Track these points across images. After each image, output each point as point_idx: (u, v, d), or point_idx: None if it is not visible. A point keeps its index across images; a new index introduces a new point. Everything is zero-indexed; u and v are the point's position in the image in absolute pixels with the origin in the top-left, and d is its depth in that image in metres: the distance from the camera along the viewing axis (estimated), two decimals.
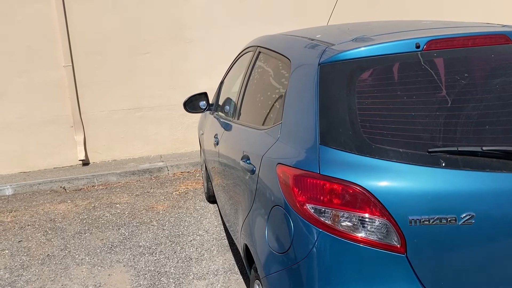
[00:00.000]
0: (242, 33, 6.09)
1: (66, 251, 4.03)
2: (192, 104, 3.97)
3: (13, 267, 3.83)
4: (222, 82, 4.18)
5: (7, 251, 4.12)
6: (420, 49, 1.96)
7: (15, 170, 6.22)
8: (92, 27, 6.16)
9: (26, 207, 5.21)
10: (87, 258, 3.89)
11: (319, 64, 2.02)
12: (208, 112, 4.17)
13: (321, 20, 4.85)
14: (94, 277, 3.58)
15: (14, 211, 5.13)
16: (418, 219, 1.72)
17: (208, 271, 3.54)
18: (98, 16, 6.16)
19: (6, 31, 5.93)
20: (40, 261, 3.89)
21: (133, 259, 3.81)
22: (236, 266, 3.59)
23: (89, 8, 6.14)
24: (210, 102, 4.06)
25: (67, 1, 6.03)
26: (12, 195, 5.69)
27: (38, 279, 3.60)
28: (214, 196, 4.59)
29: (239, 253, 3.68)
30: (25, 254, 4.04)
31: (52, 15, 6.03)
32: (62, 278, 3.59)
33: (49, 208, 5.14)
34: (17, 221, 4.81)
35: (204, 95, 3.99)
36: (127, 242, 4.12)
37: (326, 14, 4.34)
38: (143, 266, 3.69)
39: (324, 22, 4.03)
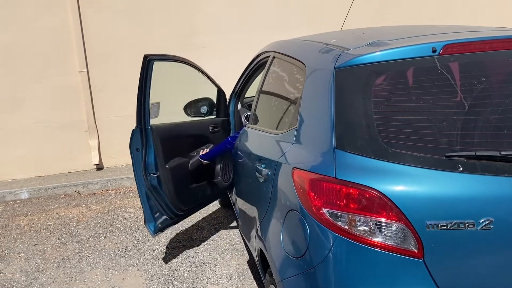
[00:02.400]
0: (253, 39, 6.13)
1: (81, 255, 4.07)
2: (193, 107, 3.99)
3: (29, 270, 3.87)
4: (236, 88, 4.19)
5: (23, 254, 4.17)
6: (437, 53, 1.95)
7: (31, 174, 6.30)
8: (106, 34, 6.24)
9: (41, 211, 5.27)
10: (101, 261, 3.91)
11: (334, 69, 2.02)
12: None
13: (333, 26, 4.86)
14: (108, 280, 3.60)
15: (30, 214, 5.19)
16: (435, 224, 1.71)
17: (222, 275, 3.55)
18: (113, 23, 6.24)
19: (24, 38, 6.03)
20: (55, 265, 3.92)
21: (147, 263, 3.83)
22: (249, 271, 3.59)
23: (104, 16, 6.22)
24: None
25: (83, 8, 6.12)
26: (28, 199, 5.76)
27: (53, 282, 3.64)
28: (228, 200, 4.60)
29: (253, 258, 3.69)
30: (40, 257, 4.08)
31: (68, 22, 6.12)
32: (77, 281, 3.62)
33: (64, 212, 5.19)
34: (33, 225, 4.86)
35: (206, 100, 4.01)
36: (141, 246, 4.14)
37: (337, 20, 4.35)
38: (157, 270, 3.70)
39: (336, 29, 4.03)
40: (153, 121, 3.42)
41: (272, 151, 2.41)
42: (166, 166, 3.43)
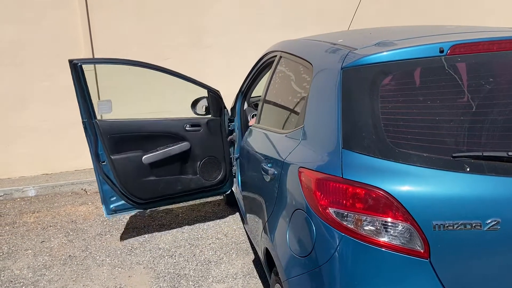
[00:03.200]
0: (261, 39, 6.14)
1: (87, 252, 4.09)
2: (196, 106, 4.09)
3: (36, 266, 3.89)
4: (242, 87, 4.20)
5: (30, 251, 4.20)
6: (444, 53, 1.95)
7: (38, 172, 6.34)
8: (114, 33, 6.26)
9: (48, 208, 5.30)
10: (107, 259, 3.93)
11: (341, 68, 2.02)
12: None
13: (341, 26, 4.85)
14: (114, 278, 3.62)
15: (37, 212, 5.22)
16: (442, 224, 1.71)
17: (227, 274, 3.56)
18: (121, 23, 6.26)
19: (32, 36, 6.06)
20: (62, 262, 3.95)
21: (153, 261, 3.85)
22: (255, 270, 3.59)
23: (112, 15, 6.24)
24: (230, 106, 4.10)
25: (91, 8, 6.14)
26: (35, 196, 5.80)
27: (60, 279, 3.66)
28: (233, 199, 4.61)
29: (258, 257, 3.69)
30: (47, 254, 4.11)
31: (76, 21, 6.14)
32: (84, 278, 3.64)
33: (71, 209, 5.22)
34: (40, 222, 4.90)
35: (204, 99, 4.08)
36: (147, 244, 4.16)
37: (345, 20, 4.34)
38: (163, 268, 3.72)
39: (343, 29, 4.02)
40: (109, 117, 3.92)
41: (279, 150, 2.42)
42: (111, 156, 3.82)
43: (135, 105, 4.47)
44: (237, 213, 4.74)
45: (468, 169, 1.75)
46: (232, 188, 4.36)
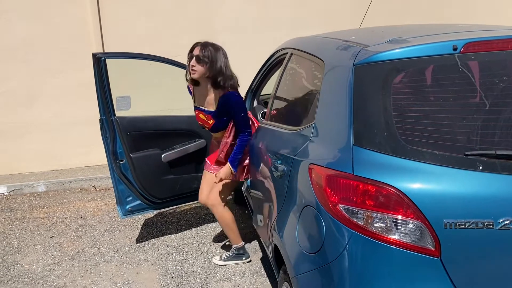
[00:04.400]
0: (271, 37, 6.12)
1: (96, 248, 4.11)
2: None
3: (45, 261, 3.92)
4: (252, 85, 4.20)
5: (39, 246, 4.23)
6: (458, 51, 1.93)
7: (48, 167, 6.38)
8: (125, 30, 6.28)
9: (58, 204, 5.34)
10: (116, 255, 3.95)
11: (353, 65, 2.01)
12: None
13: (350, 25, 4.83)
14: (122, 274, 3.64)
15: (46, 207, 5.26)
16: (453, 223, 1.69)
17: (235, 272, 3.55)
18: (132, 20, 6.28)
19: (43, 33, 6.11)
20: (70, 257, 3.97)
21: (161, 258, 3.86)
22: (262, 268, 3.59)
23: (123, 12, 6.27)
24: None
25: (102, 5, 6.17)
26: (45, 191, 5.84)
27: (69, 274, 3.68)
28: (241, 197, 4.61)
29: (266, 255, 3.69)
30: (56, 250, 4.13)
31: (87, 18, 6.18)
32: (92, 274, 3.66)
33: (80, 205, 5.25)
34: (49, 217, 4.93)
35: None
36: (155, 241, 4.17)
37: (355, 19, 4.32)
38: (171, 265, 3.72)
39: (352, 28, 4.00)
40: (126, 113, 3.81)
41: (289, 147, 2.41)
42: (130, 155, 3.74)
43: (143, 102, 4.47)
44: (246, 211, 4.74)
45: (480, 168, 1.73)
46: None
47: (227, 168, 3.39)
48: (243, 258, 3.66)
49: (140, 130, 3.76)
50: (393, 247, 1.73)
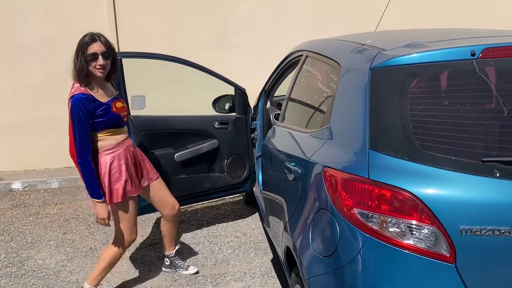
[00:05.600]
0: (286, 39, 6.13)
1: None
2: (219, 104, 4.10)
3: (58, 257, 3.96)
4: (266, 86, 4.21)
5: (52, 242, 4.28)
6: (476, 57, 1.92)
7: (61, 164, 6.44)
8: (141, 30, 6.33)
9: (71, 201, 5.39)
10: (127, 253, 3.98)
11: (370, 69, 2.01)
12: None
13: (366, 28, 4.81)
14: (134, 272, 3.66)
15: (60, 204, 5.31)
16: (469, 229, 1.68)
17: (245, 273, 3.56)
18: (147, 20, 6.33)
19: (60, 31, 6.18)
20: (83, 253, 4.01)
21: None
22: (273, 270, 3.59)
23: (139, 12, 6.31)
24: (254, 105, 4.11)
25: (118, 4, 6.23)
26: (58, 188, 5.90)
27: (81, 270, 3.72)
28: (252, 198, 4.62)
29: (277, 257, 3.69)
30: (69, 246, 4.17)
31: (103, 17, 6.23)
32: None
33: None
34: (62, 214, 4.98)
35: (229, 97, 4.08)
36: None
37: (371, 22, 4.30)
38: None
39: (367, 31, 3.99)
40: (141, 113, 3.80)
41: (303, 149, 2.42)
42: (145, 154, 3.70)
43: (158, 101, 4.50)
44: (256, 213, 4.75)
45: (497, 174, 1.72)
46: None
47: (97, 205, 2.91)
48: None
49: (154, 129, 3.78)
50: (407, 252, 1.72)
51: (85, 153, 2.88)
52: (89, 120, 2.86)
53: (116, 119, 2.98)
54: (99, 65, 2.88)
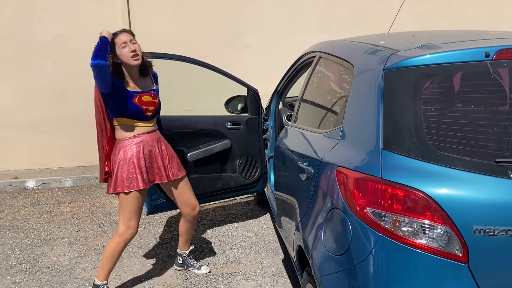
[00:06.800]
0: (298, 40, 6.16)
1: None
2: (231, 104, 4.13)
3: (72, 254, 4.01)
4: (278, 87, 4.23)
5: (66, 239, 4.33)
6: (490, 58, 1.93)
7: (75, 163, 6.53)
8: (153, 31, 6.39)
9: (84, 199, 5.46)
10: (140, 251, 4.02)
11: (384, 70, 2.02)
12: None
13: (378, 30, 4.82)
14: (146, 270, 3.70)
15: (73, 202, 5.38)
16: (482, 229, 1.69)
17: (256, 272, 3.58)
18: (160, 21, 6.39)
19: (74, 32, 6.26)
20: (96, 251, 4.06)
21: None
22: (284, 270, 3.61)
23: (152, 13, 6.38)
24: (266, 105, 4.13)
25: (132, 4, 6.30)
26: (71, 187, 5.97)
27: (94, 267, 3.76)
28: (264, 198, 4.64)
29: (288, 257, 3.71)
30: (82, 244, 4.23)
31: (117, 18, 6.30)
32: (116, 269, 3.72)
33: (105, 201, 5.35)
34: (76, 212, 5.04)
35: (242, 97, 4.11)
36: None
37: (382, 23, 4.31)
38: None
39: (380, 32, 4.00)
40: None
41: (316, 149, 2.43)
42: None
43: (171, 101, 4.54)
44: (268, 213, 4.77)
45: (511, 175, 1.72)
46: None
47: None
48: None
49: (167, 129, 3.81)
50: (420, 251, 1.73)
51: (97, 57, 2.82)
52: (108, 72, 2.87)
53: (136, 110, 3.03)
54: (132, 51, 2.95)
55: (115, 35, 2.99)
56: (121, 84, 3.00)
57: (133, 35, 3.06)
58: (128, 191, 3.05)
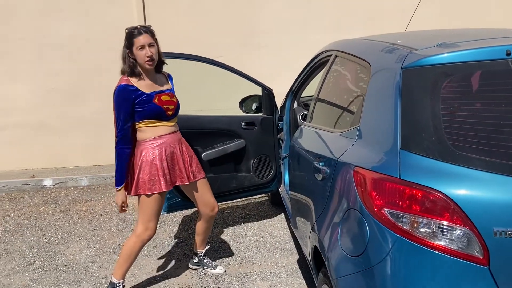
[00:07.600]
0: (311, 39, 6.13)
1: None
2: (245, 104, 4.13)
3: (88, 253, 4.05)
4: (293, 87, 4.21)
5: (82, 238, 4.37)
6: (511, 56, 1.89)
7: (91, 163, 6.59)
8: (168, 31, 6.40)
9: (100, 198, 5.50)
10: (155, 250, 4.04)
11: (402, 68, 2.00)
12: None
13: (394, 29, 4.77)
14: (161, 269, 3.72)
15: (89, 201, 5.43)
16: (503, 231, 1.65)
17: (271, 273, 3.57)
18: (175, 21, 6.42)
19: (90, 32, 6.32)
20: (111, 250, 4.09)
21: None
22: (299, 270, 3.59)
23: (167, 13, 6.41)
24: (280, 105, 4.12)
25: (147, 4, 6.33)
26: (87, 186, 6.03)
27: (109, 266, 3.79)
28: (278, 198, 4.62)
29: (303, 257, 3.69)
30: (98, 242, 4.26)
31: (132, 18, 6.34)
32: (132, 267, 3.72)
33: None
34: (91, 211, 5.09)
35: (256, 97, 4.10)
36: (193, 238, 4.22)
37: (398, 23, 4.26)
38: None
39: (396, 31, 3.95)
40: None
41: (332, 149, 2.41)
42: None
43: (186, 101, 4.56)
44: (282, 213, 4.75)
45: None
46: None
47: (117, 192, 3.07)
48: None
49: (182, 128, 3.82)
50: (438, 253, 1.70)
51: (120, 141, 3.01)
52: (129, 110, 2.94)
53: (157, 111, 3.03)
54: (148, 57, 2.97)
55: (134, 34, 3.00)
56: (138, 91, 2.98)
57: (153, 34, 3.06)
58: (150, 193, 3.05)
